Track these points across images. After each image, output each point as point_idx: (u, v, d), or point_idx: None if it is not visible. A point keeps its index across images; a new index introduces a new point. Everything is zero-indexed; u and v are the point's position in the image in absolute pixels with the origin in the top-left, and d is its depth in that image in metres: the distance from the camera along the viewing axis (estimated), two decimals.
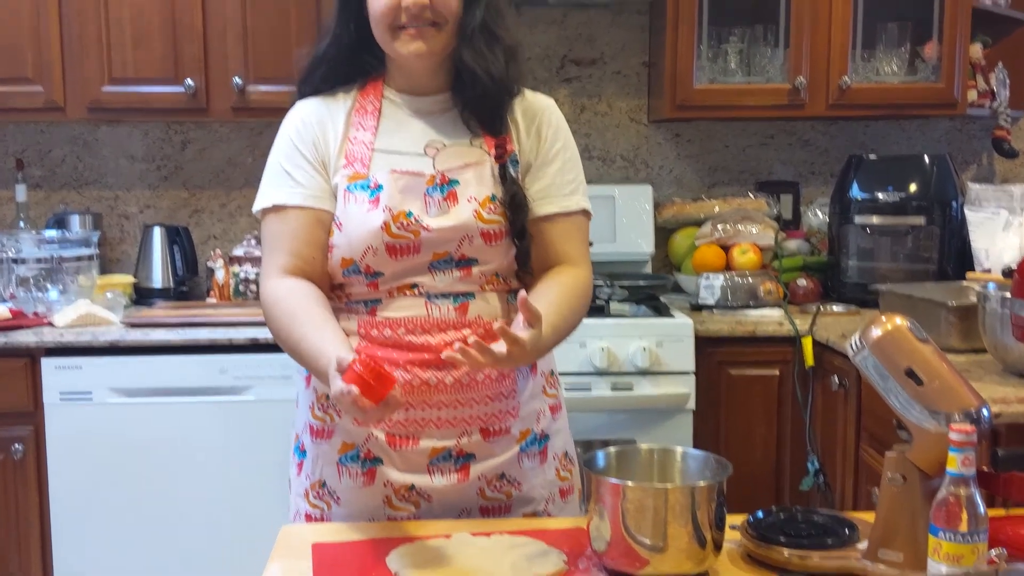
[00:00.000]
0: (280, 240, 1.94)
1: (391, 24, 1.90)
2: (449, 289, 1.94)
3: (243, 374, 3.29)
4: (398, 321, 1.94)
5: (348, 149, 1.95)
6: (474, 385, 1.95)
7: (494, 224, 1.93)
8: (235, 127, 4.11)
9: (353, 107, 1.99)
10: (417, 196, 1.92)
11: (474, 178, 1.94)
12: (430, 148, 1.97)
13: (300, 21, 3.64)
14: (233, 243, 4.12)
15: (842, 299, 3.75)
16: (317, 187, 1.94)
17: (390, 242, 1.90)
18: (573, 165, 2.05)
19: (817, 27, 3.72)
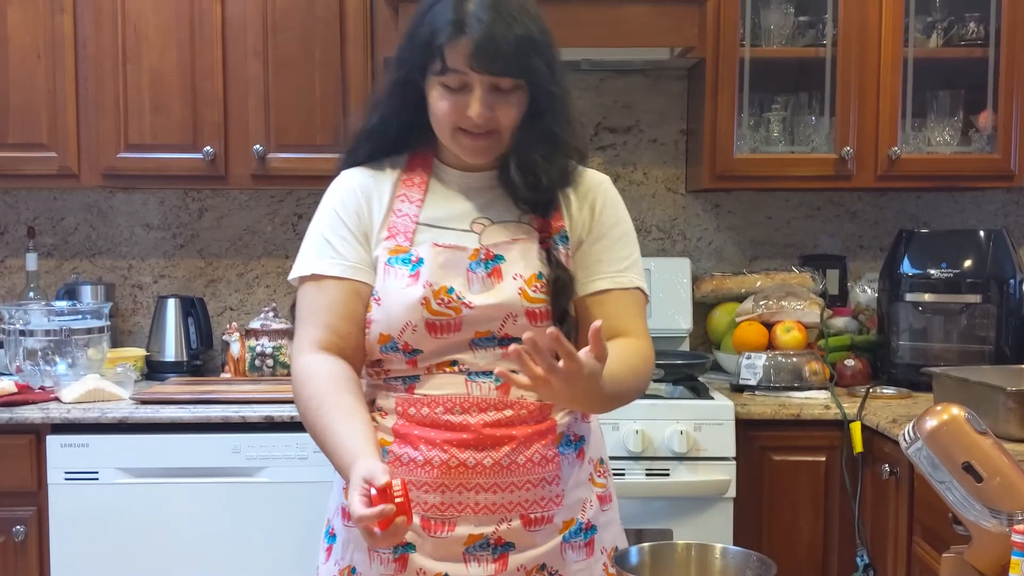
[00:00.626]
0: (316, 312, 1.96)
1: (453, 126, 1.93)
2: (491, 367, 1.94)
3: (257, 454, 3.27)
4: (436, 400, 1.94)
5: (391, 222, 1.98)
6: (515, 468, 1.93)
7: (540, 303, 1.95)
8: (254, 194, 4.13)
9: (400, 179, 2.03)
10: (459, 271, 1.93)
11: (520, 254, 1.96)
12: (476, 224, 1.99)
13: (324, 88, 3.66)
14: (250, 315, 4.13)
15: (893, 381, 3.70)
16: (357, 258, 1.97)
17: (430, 319, 1.91)
18: (628, 242, 2.08)
19: (865, 95, 3.72)
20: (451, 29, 1.86)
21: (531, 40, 1.87)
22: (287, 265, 4.12)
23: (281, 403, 3.32)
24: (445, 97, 1.90)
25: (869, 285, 4.02)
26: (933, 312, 3.65)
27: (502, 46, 1.84)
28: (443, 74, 1.88)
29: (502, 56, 1.85)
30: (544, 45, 1.91)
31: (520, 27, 1.86)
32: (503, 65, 1.86)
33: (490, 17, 1.84)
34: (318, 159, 3.64)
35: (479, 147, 1.95)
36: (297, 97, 3.67)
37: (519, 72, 1.88)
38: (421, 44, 1.90)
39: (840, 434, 3.32)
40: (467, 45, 1.85)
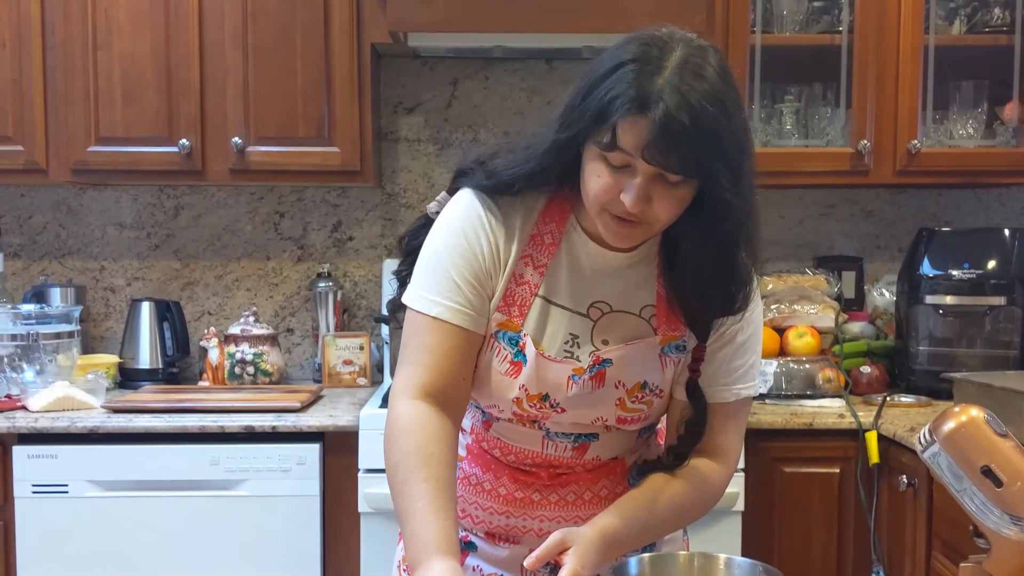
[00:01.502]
0: (429, 353, 1.91)
1: (602, 205, 1.81)
2: (572, 430, 1.99)
3: (236, 466, 3.28)
4: (509, 448, 2.02)
5: (510, 289, 1.94)
6: (581, 504, 2.01)
7: (635, 412, 1.96)
8: (233, 191, 4.15)
9: (531, 234, 1.95)
10: (560, 381, 1.92)
11: (629, 360, 1.93)
12: (594, 309, 1.95)
13: (307, 76, 3.68)
14: (229, 320, 4.14)
15: (911, 389, 3.73)
16: (483, 309, 1.93)
17: (518, 412, 1.95)
18: (745, 351, 1.99)
19: (883, 86, 3.73)
20: (629, 106, 1.70)
21: (716, 138, 1.70)
22: (268, 267, 4.14)
23: (262, 412, 3.34)
24: (602, 173, 1.77)
25: (887, 287, 4.04)
26: (955, 315, 3.67)
27: (681, 139, 1.68)
28: (608, 150, 1.74)
29: (678, 151, 1.69)
30: (732, 146, 1.74)
31: (708, 120, 1.69)
32: (677, 161, 1.70)
33: (676, 102, 1.68)
34: (301, 152, 3.67)
35: (624, 234, 1.83)
36: (278, 86, 3.68)
37: (693, 172, 1.73)
38: (593, 111, 1.75)
39: (855, 444, 3.34)
40: (643, 129, 1.69)
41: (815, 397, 3.57)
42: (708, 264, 1.84)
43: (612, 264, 1.94)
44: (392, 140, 4.16)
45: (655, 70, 1.70)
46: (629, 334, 1.94)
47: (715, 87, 1.71)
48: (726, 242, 1.82)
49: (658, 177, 1.73)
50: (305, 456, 3.29)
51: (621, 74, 1.73)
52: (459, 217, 1.95)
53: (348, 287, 4.16)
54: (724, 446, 1.99)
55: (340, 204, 4.16)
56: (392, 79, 4.15)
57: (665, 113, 1.66)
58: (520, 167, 1.89)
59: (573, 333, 1.93)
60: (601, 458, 2.01)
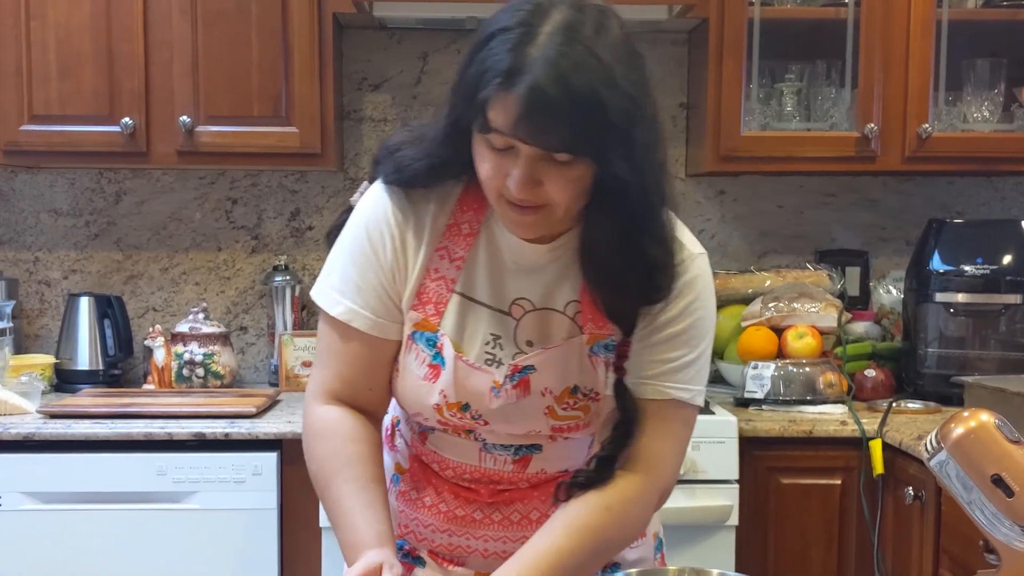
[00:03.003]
0: (337, 359, 1.98)
1: (496, 192, 1.80)
2: (510, 441, 2.00)
3: (186, 477, 3.29)
4: (446, 462, 2.04)
5: (424, 285, 1.94)
6: (527, 523, 2.03)
7: (569, 420, 1.96)
8: (180, 176, 4.16)
9: (446, 225, 1.94)
10: (480, 391, 1.93)
11: (554, 364, 1.93)
12: (516, 307, 1.95)
13: (263, 49, 3.68)
14: (176, 317, 4.13)
15: (919, 394, 3.75)
16: (387, 313, 1.95)
17: (443, 420, 1.97)
18: (684, 342, 1.93)
19: (891, 64, 3.76)
20: (499, 80, 1.66)
21: (598, 108, 1.65)
22: (219, 259, 4.17)
23: (214, 418, 3.36)
24: (487, 158, 1.76)
25: (894, 284, 4.09)
26: (967, 314, 3.71)
27: (554, 112, 1.64)
28: (485, 131, 1.72)
29: (553, 126, 1.66)
30: (620, 115, 1.68)
31: (584, 86, 1.64)
32: (555, 137, 1.67)
33: (547, 72, 1.64)
34: (255, 133, 3.69)
35: (523, 222, 1.81)
36: (231, 60, 3.68)
37: (577, 148, 1.69)
38: (467, 89, 1.72)
39: (858, 454, 3.38)
40: (513, 105, 1.65)
41: (815, 403, 3.58)
42: (614, 249, 1.81)
43: (534, 257, 1.93)
44: (356, 120, 4.18)
45: (527, 38, 1.67)
46: (553, 334, 1.94)
47: (594, 50, 1.67)
48: (630, 223, 1.79)
49: (544, 156, 1.70)
50: (261, 466, 3.30)
51: (493, 45, 1.70)
52: (365, 214, 1.96)
53: (307, 281, 4.13)
54: (651, 454, 1.92)
55: (299, 190, 4.18)
56: (356, 53, 4.16)
57: (533, 86, 1.63)
58: (421, 161, 1.89)
59: (495, 333, 1.94)
60: (547, 471, 2.02)
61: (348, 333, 1.94)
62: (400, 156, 1.92)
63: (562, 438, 1.99)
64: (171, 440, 3.31)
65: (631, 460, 1.91)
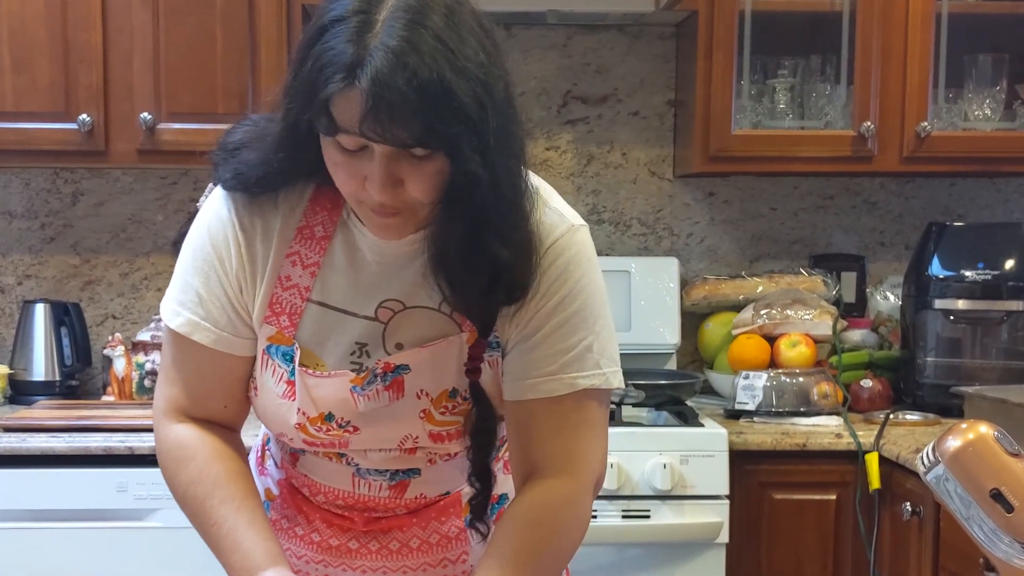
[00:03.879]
0: (181, 375, 1.94)
1: (354, 197, 1.77)
2: (384, 466, 1.98)
3: (148, 494, 3.28)
4: (317, 486, 2.02)
5: (276, 294, 1.89)
6: (408, 552, 2.02)
7: (448, 426, 1.92)
8: (141, 175, 4.15)
9: (296, 227, 1.89)
10: (340, 395, 1.89)
11: (431, 363, 1.88)
12: (384, 310, 1.90)
13: (228, 42, 3.68)
14: (137, 325, 4.13)
15: (918, 405, 3.77)
16: (232, 327, 1.91)
17: (307, 439, 1.93)
18: (571, 330, 1.88)
19: (889, 60, 3.78)
20: (341, 75, 1.61)
21: (444, 93, 1.61)
22: None
23: None
24: (339, 162, 1.71)
25: (892, 291, 4.11)
26: (968, 322, 3.73)
27: (400, 105, 1.59)
28: (331, 133, 1.67)
29: (401, 120, 1.61)
30: (471, 103, 1.63)
31: (429, 73, 1.59)
32: (404, 131, 1.62)
33: (388, 61, 1.59)
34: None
35: (389, 225, 1.77)
36: (194, 53, 3.68)
37: (430, 142, 1.64)
38: (304, 88, 1.67)
39: (854, 468, 3.40)
40: (357, 101, 1.61)
41: (809, 415, 3.60)
42: (461, 247, 1.76)
43: (399, 252, 1.87)
44: None
45: (365, 27, 1.62)
46: (427, 333, 1.89)
47: (440, 35, 1.62)
48: (478, 222, 1.74)
49: (400, 154, 1.66)
50: None
51: (328, 38, 1.64)
52: (207, 220, 1.91)
53: None
54: (573, 452, 1.88)
55: None
56: None
57: (375, 78, 1.58)
58: (259, 167, 1.83)
59: (360, 342, 1.90)
60: (427, 495, 2.01)
61: (191, 347, 1.90)
62: (239, 160, 1.87)
63: (441, 460, 1.96)
64: (132, 454, 3.30)
65: (552, 463, 1.87)
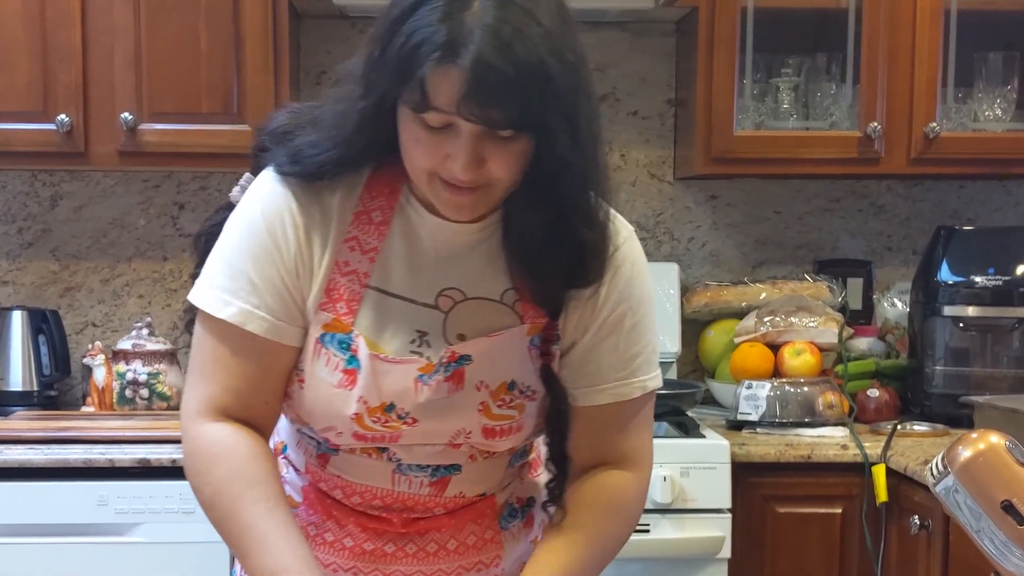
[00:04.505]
0: (222, 368, 1.89)
1: (430, 172, 1.77)
2: (427, 461, 1.97)
3: (129, 507, 3.29)
4: (352, 487, 2.00)
5: (334, 279, 1.89)
6: (444, 555, 2.02)
7: (504, 420, 1.94)
8: (123, 178, 4.16)
9: (354, 212, 1.90)
10: (405, 385, 1.89)
11: (491, 355, 1.90)
12: (444, 298, 1.91)
13: (212, 39, 3.68)
14: (118, 333, 4.12)
15: (926, 415, 3.78)
16: (287, 314, 1.88)
17: (359, 432, 1.91)
18: (639, 335, 1.99)
19: (897, 58, 3.79)
20: (439, 53, 1.64)
21: (546, 81, 1.66)
22: (165, 269, 4.18)
23: (160, 443, 3.37)
24: (421, 138, 1.73)
25: (899, 297, 4.12)
26: (978, 329, 3.74)
27: (501, 86, 1.64)
28: (421, 110, 1.70)
29: (500, 102, 1.65)
30: (566, 89, 1.70)
31: (533, 60, 1.64)
32: (502, 113, 1.66)
33: (490, 41, 1.63)
34: (204, 131, 3.69)
35: (463, 204, 1.79)
36: (177, 52, 3.68)
37: (524, 124, 1.69)
38: (395, 63, 1.69)
39: (860, 480, 3.41)
40: (457, 80, 1.64)
41: (814, 425, 3.60)
42: (539, 229, 1.82)
43: (460, 240, 1.90)
44: None
45: (462, 4, 1.65)
46: (490, 324, 1.91)
47: (538, 18, 1.66)
48: (563, 204, 1.80)
49: (487, 133, 1.70)
50: None
51: (421, 14, 1.67)
52: (260, 202, 1.89)
53: None
54: (635, 450, 2.01)
55: None
56: (315, 43, 4.18)
57: (478, 58, 1.62)
58: (329, 151, 1.84)
59: (420, 330, 1.90)
60: (466, 495, 2.01)
61: (240, 339, 1.86)
62: (296, 144, 1.87)
63: (482, 457, 1.97)
64: (113, 467, 3.30)
65: (622, 458, 1.99)
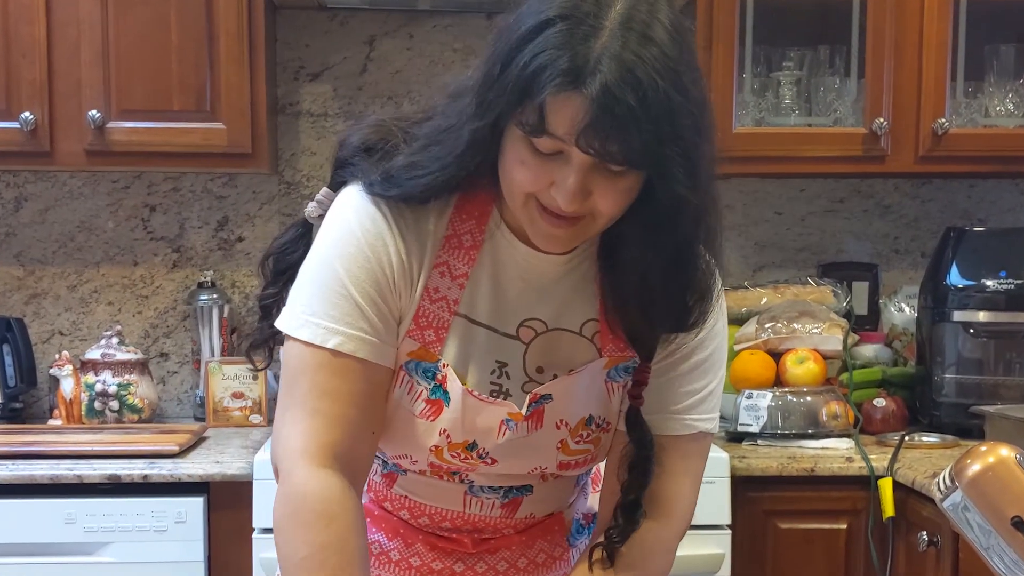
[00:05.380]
0: (332, 401, 1.84)
1: (528, 195, 1.76)
2: (501, 482, 2.00)
3: (99, 526, 3.30)
4: (421, 508, 2.02)
5: (423, 307, 1.88)
6: (514, 573, 2.05)
7: (580, 455, 1.97)
8: (90, 179, 4.16)
9: (445, 235, 1.89)
10: (490, 426, 1.90)
11: (571, 391, 1.92)
12: (525, 329, 1.92)
13: (184, 33, 3.70)
14: (87, 342, 4.13)
15: (935, 426, 3.79)
16: (390, 337, 1.87)
17: (436, 463, 1.93)
18: (704, 371, 1.98)
19: (904, 50, 3.80)
20: (560, 79, 1.62)
21: (669, 118, 1.64)
22: (136, 275, 4.18)
23: (130, 458, 3.37)
24: (527, 160, 1.71)
25: (907, 302, 4.13)
26: (989, 335, 3.76)
27: (625, 121, 1.62)
28: (535, 134, 1.68)
29: (621, 136, 1.63)
30: (688, 128, 1.67)
31: (659, 96, 1.62)
32: (620, 149, 1.64)
33: (618, 74, 1.61)
34: (176, 129, 3.71)
35: (558, 236, 1.78)
36: (147, 45, 3.69)
37: (640, 162, 1.67)
38: (514, 85, 1.66)
39: (866, 495, 3.42)
40: (579, 108, 1.62)
41: (818, 437, 3.61)
42: (657, 270, 1.80)
43: (548, 271, 1.91)
44: (292, 114, 4.20)
45: (590, 31, 1.63)
46: (570, 359, 1.93)
47: (667, 52, 1.64)
48: (679, 244, 1.78)
49: (598, 165, 1.67)
50: (185, 512, 3.31)
51: (547, 36, 1.64)
52: (355, 220, 1.86)
53: (237, 300, 4.18)
54: (672, 496, 1.97)
55: (227, 195, 4.20)
56: (292, 37, 4.19)
57: (604, 89, 1.60)
58: (435, 173, 1.81)
59: (500, 360, 1.92)
60: (536, 515, 2.04)
61: (348, 367, 1.83)
62: (396, 165, 1.84)
63: (553, 478, 1.99)
64: (81, 483, 3.31)
65: (653, 504, 1.94)
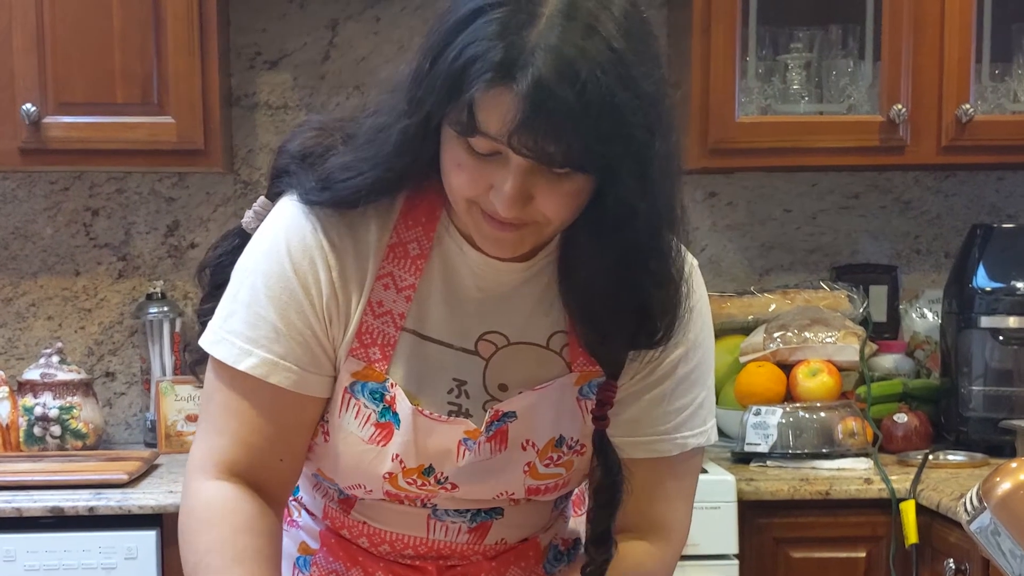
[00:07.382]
0: (239, 423, 1.91)
1: (470, 200, 1.78)
2: (466, 506, 2.03)
3: (40, 563, 3.32)
4: (381, 534, 2.06)
5: (366, 323, 1.91)
6: None
7: (550, 479, 1.99)
8: (25, 180, 4.19)
9: (389, 243, 1.91)
10: (447, 446, 1.93)
11: (537, 409, 1.94)
12: (485, 343, 1.94)
13: (127, 20, 3.72)
14: (24, 361, 4.14)
15: (962, 443, 3.82)
16: (315, 364, 1.90)
17: (392, 491, 1.97)
18: (690, 385, 2.00)
19: (924, 30, 3.83)
20: (491, 75, 1.63)
21: (613, 115, 1.64)
22: (78, 286, 4.21)
23: (75, 488, 3.40)
24: (464, 164, 1.73)
25: (929, 307, 4.17)
26: (1020, 343, 3.79)
27: (561, 118, 1.63)
28: (467, 134, 1.70)
29: (557, 136, 1.64)
30: (637, 126, 1.67)
31: (600, 91, 1.63)
32: (559, 148, 1.66)
33: (554, 67, 1.62)
34: (120, 124, 3.74)
35: (503, 239, 1.80)
36: (87, 31, 3.71)
37: (582, 163, 1.68)
38: (444, 81, 1.68)
39: (887, 519, 3.46)
40: (510, 106, 1.63)
41: (833, 456, 3.64)
42: (607, 281, 1.82)
43: (506, 280, 1.92)
44: (248, 106, 4.23)
45: (527, 19, 1.64)
46: (535, 374, 1.95)
47: (613, 44, 1.65)
48: (630, 252, 1.79)
49: (539, 167, 1.69)
50: (136, 547, 3.33)
51: (479, 26, 1.66)
52: (285, 238, 1.90)
53: (190, 314, 4.14)
54: (670, 521, 2.03)
55: (177, 197, 4.22)
56: (247, 21, 4.21)
57: (536, 83, 1.61)
58: (364, 174, 1.83)
59: (458, 378, 1.94)
60: (508, 541, 2.07)
61: (260, 391, 1.88)
62: (326, 168, 1.88)
63: (525, 501, 2.02)
64: (21, 517, 3.34)
65: (643, 526, 2.00)
